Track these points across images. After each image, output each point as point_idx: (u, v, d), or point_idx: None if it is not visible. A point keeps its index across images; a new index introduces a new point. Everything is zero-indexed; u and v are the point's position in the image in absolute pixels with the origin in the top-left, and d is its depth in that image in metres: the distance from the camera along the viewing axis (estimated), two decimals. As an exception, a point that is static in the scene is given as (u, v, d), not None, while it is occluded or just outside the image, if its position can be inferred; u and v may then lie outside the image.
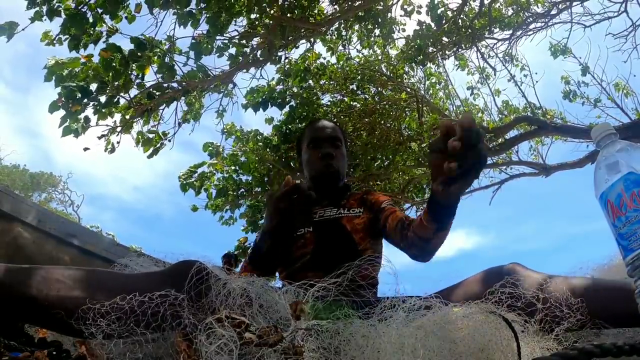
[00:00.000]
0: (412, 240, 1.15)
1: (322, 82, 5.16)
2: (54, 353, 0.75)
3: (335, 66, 5.25)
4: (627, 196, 0.67)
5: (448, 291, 0.99)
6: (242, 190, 5.14)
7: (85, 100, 3.34)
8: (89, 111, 3.51)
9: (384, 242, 1.42)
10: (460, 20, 4.51)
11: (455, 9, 4.49)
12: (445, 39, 4.73)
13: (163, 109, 4.08)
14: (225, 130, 5.17)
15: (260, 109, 4.78)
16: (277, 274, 1.45)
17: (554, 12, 4.83)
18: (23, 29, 3.07)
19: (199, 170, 4.96)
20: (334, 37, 5.03)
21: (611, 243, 0.72)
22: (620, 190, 0.68)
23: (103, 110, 3.58)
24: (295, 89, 5.00)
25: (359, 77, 5.19)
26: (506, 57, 5.25)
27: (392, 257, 1.45)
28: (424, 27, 4.43)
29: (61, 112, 3.34)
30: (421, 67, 5.16)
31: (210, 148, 5.03)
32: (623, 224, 0.68)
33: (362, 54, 5.44)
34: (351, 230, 1.38)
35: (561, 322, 0.72)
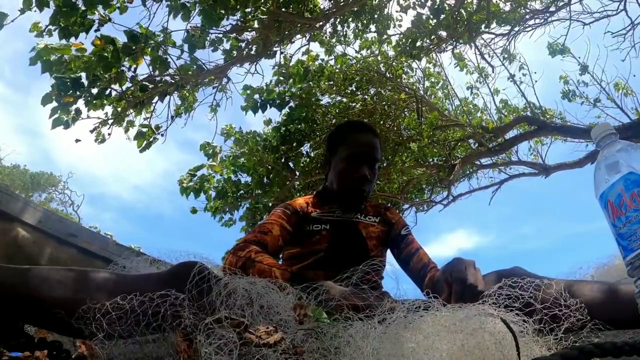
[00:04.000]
0: (425, 287, 1.29)
1: (320, 82, 5.15)
2: (54, 353, 0.75)
3: (333, 67, 5.25)
4: (627, 196, 0.67)
5: None
6: (242, 191, 5.13)
7: (77, 92, 3.33)
8: (80, 103, 3.49)
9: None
10: (457, 14, 4.48)
11: (453, 3, 4.47)
12: (442, 32, 4.69)
13: (156, 102, 4.05)
14: (225, 132, 5.16)
15: (260, 111, 4.77)
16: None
17: (552, 9, 4.83)
18: (12, 21, 3.03)
19: (199, 173, 4.95)
20: (330, 33, 4.99)
21: (611, 243, 0.72)
22: (620, 190, 0.68)
23: (94, 102, 3.55)
24: (293, 90, 4.99)
25: (358, 78, 5.18)
26: (505, 55, 5.23)
27: (392, 259, 1.49)
28: (423, 17, 4.40)
29: (53, 105, 3.33)
30: (417, 60, 5.13)
31: (207, 148, 5.02)
32: (623, 224, 0.68)
33: (361, 54, 5.45)
34: (366, 236, 1.44)
35: (561, 322, 0.72)
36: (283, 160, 5.00)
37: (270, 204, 5.02)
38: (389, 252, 1.51)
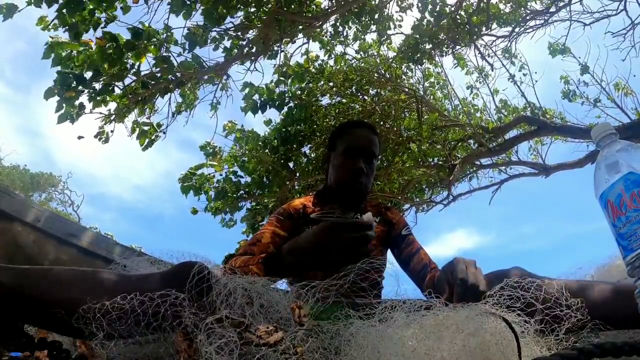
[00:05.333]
0: (425, 287, 1.28)
1: (320, 83, 5.15)
2: (54, 353, 0.76)
3: (333, 68, 5.25)
4: (627, 196, 0.67)
5: None
6: (242, 192, 5.13)
7: (80, 87, 3.35)
8: (84, 98, 3.52)
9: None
10: (458, 17, 4.48)
11: (453, 5, 4.47)
12: (443, 35, 4.69)
13: (156, 99, 4.06)
14: (226, 128, 5.15)
15: (259, 112, 4.77)
16: None
17: (552, 9, 4.83)
18: (19, 11, 3.06)
19: (199, 172, 4.94)
20: (331, 33, 4.99)
21: (611, 243, 0.72)
22: (620, 190, 0.68)
23: (98, 98, 3.58)
24: (293, 89, 4.99)
25: (358, 79, 5.18)
26: (505, 55, 5.23)
27: (393, 259, 1.49)
28: (424, 22, 4.40)
29: (57, 100, 3.34)
30: (419, 66, 5.13)
31: (208, 148, 5.02)
32: (623, 224, 0.68)
33: (360, 54, 5.44)
34: None
35: (561, 323, 0.72)
36: (283, 160, 5.00)
37: (270, 205, 5.02)
38: (389, 252, 1.51)
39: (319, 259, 0.99)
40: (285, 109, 4.98)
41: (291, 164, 5.08)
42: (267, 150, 5.02)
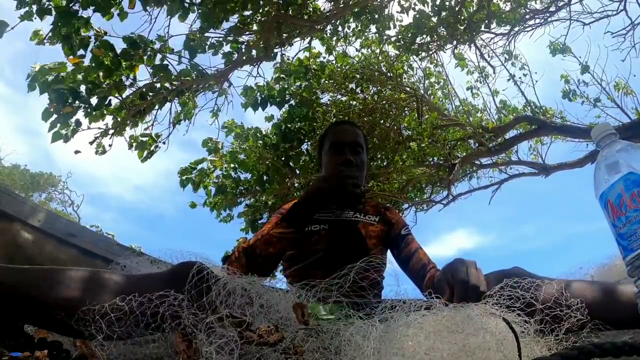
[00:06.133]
0: (425, 287, 1.30)
1: (321, 81, 5.14)
2: (54, 353, 0.75)
3: (334, 65, 5.24)
4: (627, 196, 0.67)
5: None
6: (241, 188, 5.13)
7: (77, 102, 3.29)
8: (80, 114, 3.44)
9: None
10: (458, 13, 4.46)
11: (454, 1, 4.45)
12: (442, 29, 4.65)
13: (157, 111, 4.02)
14: (226, 126, 5.16)
15: (260, 108, 4.78)
16: (280, 268, 1.48)
17: (552, 9, 4.83)
18: (12, 28, 2.89)
19: (199, 167, 4.95)
20: (331, 33, 4.98)
21: (611, 243, 0.72)
22: (620, 190, 0.68)
23: (94, 113, 3.51)
24: (294, 88, 4.99)
25: (359, 77, 5.18)
26: (505, 55, 5.23)
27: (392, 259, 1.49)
28: (424, 14, 4.37)
29: (53, 117, 3.28)
30: (416, 56, 5.10)
31: (209, 144, 5.04)
32: (623, 224, 0.68)
33: (361, 53, 5.44)
34: (365, 235, 1.45)
35: (561, 322, 0.72)
36: (283, 158, 5.00)
37: (269, 202, 5.02)
38: (389, 251, 1.51)
39: (322, 195, 1.26)
40: (286, 106, 4.99)
41: (291, 162, 5.08)
42: (267, 148, 5.03)
